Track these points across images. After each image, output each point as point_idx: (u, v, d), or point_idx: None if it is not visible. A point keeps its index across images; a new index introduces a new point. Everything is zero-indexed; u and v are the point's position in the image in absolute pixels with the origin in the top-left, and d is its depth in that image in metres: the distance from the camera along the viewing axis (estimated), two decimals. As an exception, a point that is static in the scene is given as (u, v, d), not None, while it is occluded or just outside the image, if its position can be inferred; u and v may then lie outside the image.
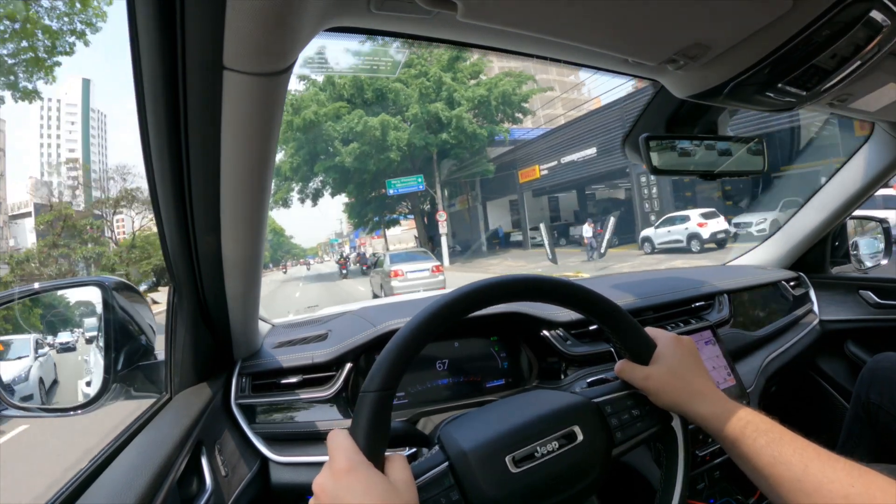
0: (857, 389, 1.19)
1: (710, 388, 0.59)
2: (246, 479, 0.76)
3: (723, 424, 0.55)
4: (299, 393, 0.90)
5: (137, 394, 0.77)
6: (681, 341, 0.62)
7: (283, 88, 0.46)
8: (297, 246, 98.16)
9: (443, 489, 0.49)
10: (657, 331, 0.64)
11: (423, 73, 18.34)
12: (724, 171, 0.96)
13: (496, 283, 0.55)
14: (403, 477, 0.47)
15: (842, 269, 1.64)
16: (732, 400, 0.58)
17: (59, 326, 0.80)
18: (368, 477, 0.44)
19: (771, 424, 0.54)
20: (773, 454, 0.51)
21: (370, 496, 0.43)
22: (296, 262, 67.31)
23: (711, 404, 0.57)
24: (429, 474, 0.50)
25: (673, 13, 0.54)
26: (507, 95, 18.38)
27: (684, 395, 0.58)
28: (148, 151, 0.52)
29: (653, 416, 0.59)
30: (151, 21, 0.40)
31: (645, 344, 0.62)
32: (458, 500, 0.49)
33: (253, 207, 0.59)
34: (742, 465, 0.54)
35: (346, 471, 0.44)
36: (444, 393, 1.00)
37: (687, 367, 0.59)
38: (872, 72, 0.72)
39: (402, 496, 0.45)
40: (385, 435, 0.48)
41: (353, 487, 0.44)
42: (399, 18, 0.51)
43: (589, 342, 1.07)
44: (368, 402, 0.48)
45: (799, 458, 0.50)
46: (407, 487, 0.46)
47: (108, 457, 0.60)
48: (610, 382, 0.65)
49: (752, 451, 0.52)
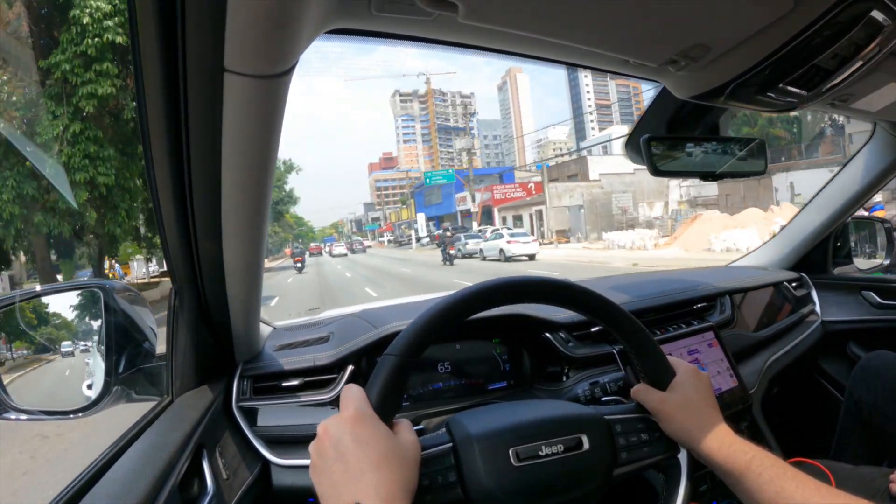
0: (850, 387, 1.19)
1: (719, 422, 0.59)
2: (247, 482, 0.76)
3: (728, 458, 0.55)
4: (301, 395, 0.90)
5: (139, 397, 0.77)
6: (699, 374, 0.63)
7: (285, 91, 0.46)
8: (309, 227, 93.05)
9: (442, 467, 0.50)
10: (678, 360, 0.65)
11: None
12: (724, 172, 0.96)
13: (527, 282, 0.56)
14: (410, 438, 0.47)
15: (843, 270, 1.64)
16: (739, 436, 0.58)
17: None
18: (374, 427, 0.45)
19: (774, 460, 0.54)
20: (777, 489, 0.51)
21: (372, 448, 0.44)
22: (299, 246, 51.52)
23: (719, 438, 0.57)
24: (431, 450, 0.51)
25: (674, 14, 0.54)
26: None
27: (694, 425, 0.58)
28: (149, 154, 0.52)
29: (661, 443, 0.60)
30: (152, 24, 0.40)
31: (665, 370, 0.62)
32: (454, 482, 0.49)
33: (254, 209, 0.59)
34: (745, 501, 0.55)
35: (353, 419, 0.45)
36: (446, 394, 0.99)
37: (700, 399, 0.60)
38: (873, 72, 0.72)
39: (405, 454, 0.45)
40: (398, 399, 0.49)
41: (357, 435, 0.44)
42: (400, 20, 0.51)
43: (591, 344, 1.06)
44: (388, 364, 0.49)
45: (801, 494, 0.50)
46: (411, 447, 0.47)
47: (108, 459, 0.60)
48: (624, 403, 0.65)
49: (756, 487, 0.53)
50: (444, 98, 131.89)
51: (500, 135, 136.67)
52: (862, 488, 0.89)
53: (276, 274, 23.95)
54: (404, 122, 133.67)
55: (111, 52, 10.37)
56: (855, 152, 1.42)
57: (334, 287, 14.75)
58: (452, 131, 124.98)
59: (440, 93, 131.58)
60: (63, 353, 0.78)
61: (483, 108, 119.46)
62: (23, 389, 0.71)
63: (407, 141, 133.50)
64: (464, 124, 52.64)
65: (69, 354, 0.78)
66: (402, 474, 0.44)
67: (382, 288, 12.75)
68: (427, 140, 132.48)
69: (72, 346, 0.78)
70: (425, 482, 0.48)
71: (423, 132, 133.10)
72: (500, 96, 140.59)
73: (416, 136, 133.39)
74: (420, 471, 0.47)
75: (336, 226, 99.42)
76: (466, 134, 39.78)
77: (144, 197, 12.34)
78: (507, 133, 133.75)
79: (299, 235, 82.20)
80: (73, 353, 0.78)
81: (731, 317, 1.29)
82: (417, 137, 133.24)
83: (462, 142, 34.51)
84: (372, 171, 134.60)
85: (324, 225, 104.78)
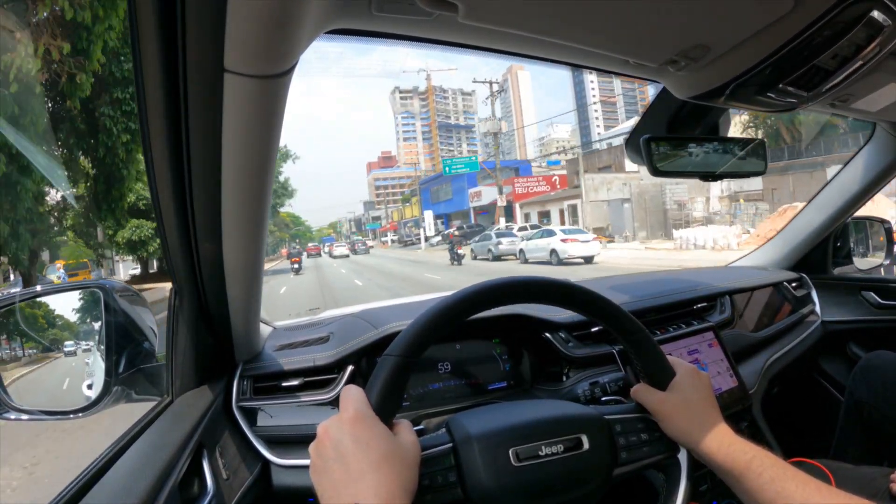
0: (850, 387, 1.19)
1: (719, 422, 0.59)
2: (248, 482, 0.76)
3: (728, 458, 0.55)
4: (301, 395, 0.90)
5: (138, 397, 0.77)
6: (699, 374, 0.63)
7: (285, 91, 0.46)
8: (307, 227, 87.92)
9: (441, 468, 0.50)
10: (678, 360, 0.65)
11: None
12: (725, 172, 0.96)
13: (528, 282, 0.56)
14: (410, 438, 0.47)
15: (843, 270, 1.64)
16: (738, 435, 0.58)
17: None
18: (374, 428, 0.45)
19: (775, 460, 0.54)
20: (777, 490, 0.51)
21: (372, 448, 0.44)
22: (296, 246, 48.30)
23: (719, 438, 0.57)
24: (431, 450, 0.51)
25: (674, 14, 0.54)
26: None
27: (694, 426, 0.58)
28: (149, 154, 0.52)
29: (661, 443, 0.60)
30: (152, 24, 0.40)
31: (665, 370, 0.62)
32: (454, 482, 0.49)
33: (254, 209, 0.59)
34: (746, 501, 0.55)
35: (353, 419, 0.45)
36: (445, 395, 0.99)
37: (700, 399, 0.61)
38: (873, 72, 0.72)
39: (405, 454, 0.45)
40: (398, 400, 0.49)
41: (357, 436, 0.44)
42: (400, 20, 0.51)
43: (591, 344, 1.06)
44: (388, 364, 0.49)
45: (801, 494, 0.50)
46: (411, 447, 0.47)
47: (108, 459, 0.60)
48: (624, 403, 0.65)
49: (756, 487, 0.53)
50: (444, 95, 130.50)
51: (500, 132, 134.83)
52: (862, 488, 0.89)
53: (269, 279, 17.62)
54: (404, 119, 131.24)
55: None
56: (855, 152, 1.42)
57: (342, 302, 9.85)
58: (453, 129, 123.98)
59: (441, 90, 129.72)
60: (66, 353, 0.78)
61: (482, 107, 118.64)
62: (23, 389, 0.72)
63: (407, 139, 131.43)
64: (488, 109, 47.20)
65: (72, 353, 0.78)
66: (402, 475, 0.44)
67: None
68: (427, 138, 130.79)
69: (74, 345, 0.79)
70: (425, 482, 0.48)
71: (423, 129, 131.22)
72: (500, 96, 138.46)
73: (417, 134, 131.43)
74: (420, 471, 0.47)
75: (334, 225, 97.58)
76: (492, 117, 32.51)
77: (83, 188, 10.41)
78: (507, 132, 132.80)
79: (296, 235, 79.79)
80: (76, 353, 0.78)
81: (731, 317, 1.29)
82: (418, 135, 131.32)
83: (488, 125, 30.14)
84: (371, 170, 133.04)
85: (321, 225, 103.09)
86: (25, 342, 0.75)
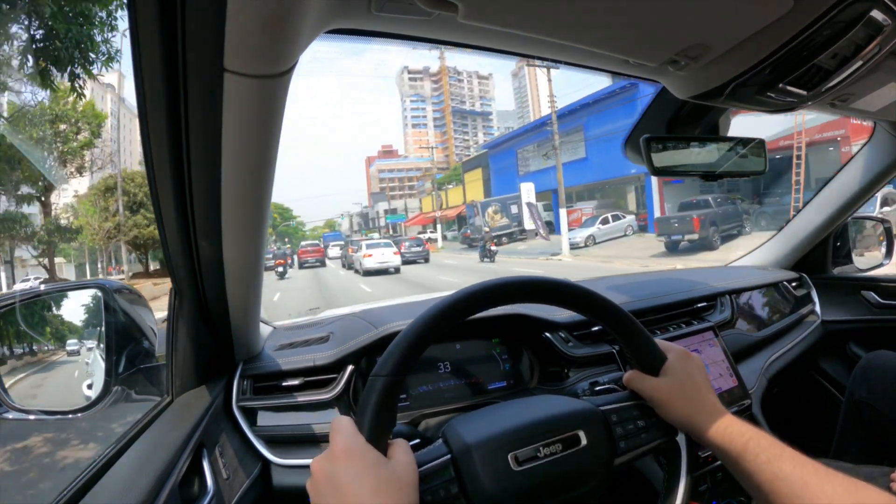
0: (850, 387, 1.19)
1: (715, 404, 0.59)
2: (248, 482, 0.76)
3: (726, 440, 0.55)
4: (301, 395, 0.90)
5: (138, 396, 0.77)
6: (690, 356, 0.63)
7: (285, 90, 0.46)
8: (299, 222, 78.53)
9: (442, 481, 0.49)
10: (668, 344, 0.65)
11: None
12: (724, 172, 0.96)
13: (511, 283, 0.56)
14: (405, 459, 0.47)
15: (843, 270, 1.64)
16: (736, 416, 0.58)
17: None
18: (365, 459, 0.45)
19: (772, 441, 0.54)
20: (774, 471, 0.51)
21: (366, 478, 0.43)
22: (283, 247, 33.60)
23: (715, 420, 0.57)
24: (430, 465, 0.50)
25: (673, 14, 0.54)
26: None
27: (690, 409, 0.58)
28: (149, 154, 0.52)
29: (658, 428, 0.59)
30: (152, 24, 0.40)
31: (655, 355, 0.62)
32: (457, 494, 0.49)
33: (254, 209, 0.59)
34: (743, 482, 0.55)
35: (343, 452, 0.45)
36: (445, 395, 0.99)
37: (694, 382, 0.60)
38: (873, 72, 0.72)
39: (401, 478, 0.45)
40: (390, 421, 0.49)
41: (349, 469, 0.44)
42: (400, 20, 0.51)
43: (591, 344, 1.07)
44: (376, 386, 0.48)
45: (798, 475, 0.50)
46: (407, 468, 0.46)
47: (109, 459, 0.60)
48: (618, 392, 0.65)
49: (754, 468, 0.53)
50: (459, 77, 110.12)
51: (514, 126, 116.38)
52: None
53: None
54: (413, 102, 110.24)
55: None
56: (855, 152, 1.42)
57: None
58: (469, 115, 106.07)
59: (455, 71, 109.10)
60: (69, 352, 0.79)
61: (500, 94, 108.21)
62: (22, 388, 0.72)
63: (416, 125, 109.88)
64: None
65: (75, 353, 0.79)
66: (399, 499, 0.44)
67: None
68: (439, 125, 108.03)
69: (77, 344, 0.79)
70: (428, 498, 0.48)
71: (435, 116, 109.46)
72: (514, 83, 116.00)
73: (428, 120, 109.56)
74: (421, 487, 0.47)
75: (331, 224, 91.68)
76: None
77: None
78: (522, 125, 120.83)
79: (284, 233, 67.15)
80: (79, 352, 0.79)
81: (731, 317, 1.29)
82: (429, 121, 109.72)
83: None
84: (372, 163, 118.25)
85: (317, 224, 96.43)
86: (26, 342, 0.75)
